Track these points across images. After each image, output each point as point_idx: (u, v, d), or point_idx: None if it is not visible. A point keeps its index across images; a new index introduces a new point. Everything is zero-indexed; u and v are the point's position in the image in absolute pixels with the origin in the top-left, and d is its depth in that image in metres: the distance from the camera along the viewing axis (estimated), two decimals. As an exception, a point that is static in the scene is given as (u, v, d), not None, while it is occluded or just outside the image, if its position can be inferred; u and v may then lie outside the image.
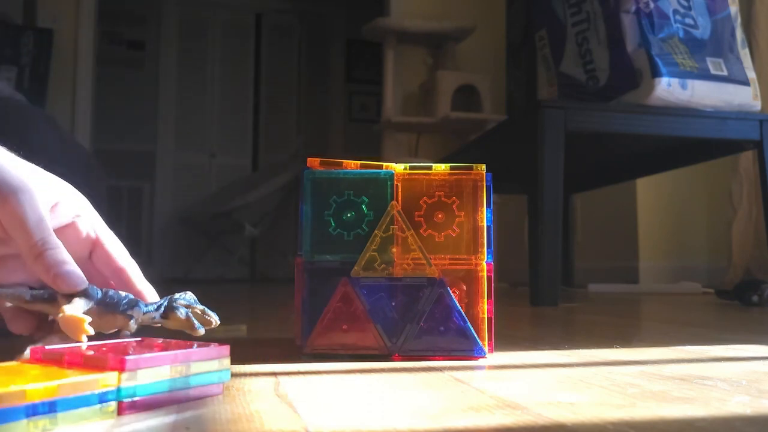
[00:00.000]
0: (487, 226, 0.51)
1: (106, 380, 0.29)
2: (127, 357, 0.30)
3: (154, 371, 0.31)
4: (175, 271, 3.94)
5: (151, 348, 0.34)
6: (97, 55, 2.99)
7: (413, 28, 2.62)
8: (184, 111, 4.30)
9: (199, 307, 0.43)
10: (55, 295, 0.38)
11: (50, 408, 0.26)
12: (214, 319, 0.43)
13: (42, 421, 0.26)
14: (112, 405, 0.29)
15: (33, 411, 0.25)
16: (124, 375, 0.29)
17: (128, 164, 4.02)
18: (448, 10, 2.74)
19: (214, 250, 4.06)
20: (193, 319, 0.42)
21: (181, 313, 0.42)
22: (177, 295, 0.43)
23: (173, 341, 0.36)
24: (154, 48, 4.29)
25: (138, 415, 0.30)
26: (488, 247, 0.51)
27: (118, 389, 0.29)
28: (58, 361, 0.31)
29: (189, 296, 0.44)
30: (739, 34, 1.32)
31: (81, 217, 0.43)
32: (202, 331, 0.42)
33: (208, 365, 0.34)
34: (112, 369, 0.29)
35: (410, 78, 2.76)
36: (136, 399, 0.30)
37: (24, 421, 0.25)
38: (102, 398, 0.29)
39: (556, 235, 1.18)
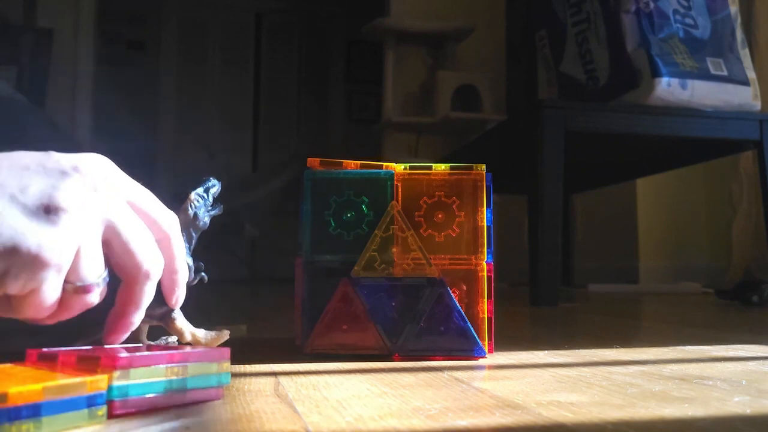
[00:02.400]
0: (487, 226, 0.51)
1: (96, 382, 0.28)
2: (120, 354, 0.29)
3: (148, 370, 0.30)
4: (175, 271, 3.93)
5: (150, 350, 0.33)
6: (96, 55, 2.99)
7: (413, 28, 2.62)
8: (184, 111, 4.30)
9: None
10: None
11: (34, 412, 0.25)
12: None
13: (26, 425, 0.25)
14: (102, 408, 0.28)
15: (16, 415, 0.24)
16: (116, 373, 0.28)
17: (128, 164, 4.01)
18: (448, 10, 2.74)
19: (214, 250, 4.06)
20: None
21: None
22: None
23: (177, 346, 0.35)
24: (154, 48, 4.29)
25: (134, 418, 0.30)
26: (488, 247, 0.51)
27: (110, 388, 0.28)
28: (52, 362, 0.31)
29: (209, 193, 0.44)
30: (739, 34, 1.32)
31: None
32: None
33: (207, 368, 0.33)
34: (105, 366, 0.28)
35: (410, 78, 2.76)
36: (128, 399, 0.29)
37: (6, 426, 0.24)
38: (91, 401, 0.27)
39: (555, 235, 1.18)
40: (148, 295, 0.34)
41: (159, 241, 0.36)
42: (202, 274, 0.42)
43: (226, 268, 4.08)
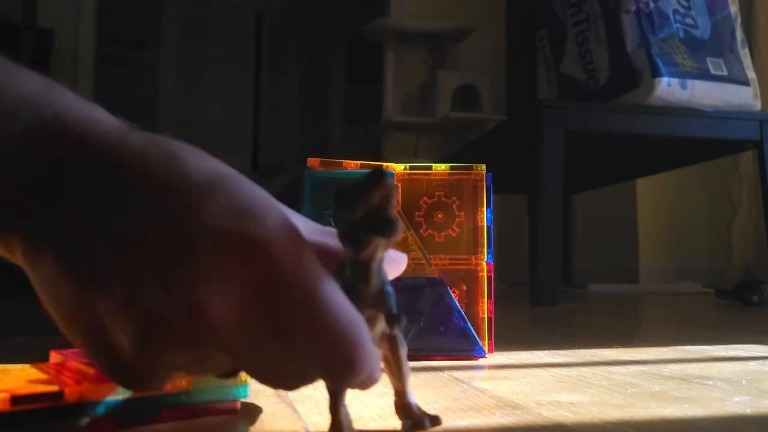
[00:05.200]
0: (487, 226, 0.51)
1: (74, 393, 0.25)
2: None
3: None
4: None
5: None
6: (96, 54, 2.99)
7: (413, 28, 2.62)
8: (183, 110, 4.30)
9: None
10: None
11: (2, 422, 0.23)
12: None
13: None
14: (83, 421, 0.26)
15: None
16: (104, 387, 0.26)
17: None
18: (448, 10, 2.74)
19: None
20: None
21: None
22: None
23: None
24: (154, 47, 4.29)
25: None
26: (488, 247, 0.51)
27: (96, 403, 0.26)
28: (59, 368, 0.29)
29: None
30: (739, 34, 1.32)
31: None
32: None
33: (219, 380, 0.29)
34: (92, 381, 0.26)
35: (410, 78, 2.75)
36: (116, 416, 0.27)
37: None
38: (70, 413, 0.25)
39: (556, 235, 1.18)
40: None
41: None
42: None
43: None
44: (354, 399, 0.34)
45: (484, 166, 0.52)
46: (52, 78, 0.26)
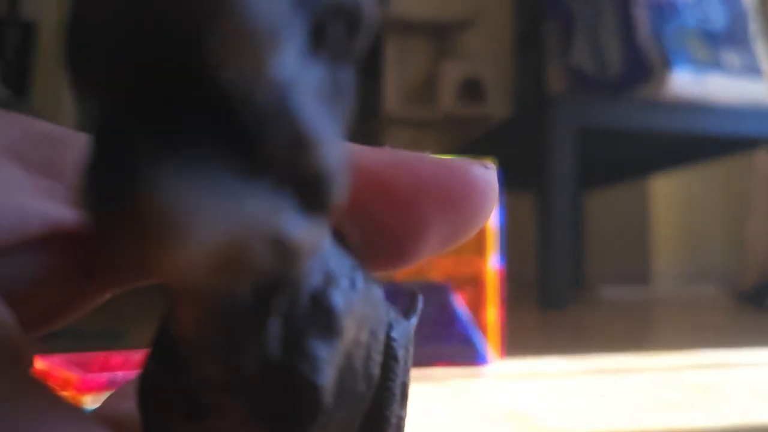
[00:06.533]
0: (495, 226, 0.47)
1: None
2: (90, 375, 0.25)
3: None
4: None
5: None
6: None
7: (415, 17, 2.58)
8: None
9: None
10: None
11: None
12: None
13: None
14: None
15: None
16: (88, 398, 0.25)
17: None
18: None
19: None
20: None
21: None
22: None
23: None
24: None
25: None
26: (497, 249, 0.47)
27: None
28: (43, 375, 0.27)
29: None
30: (755, 26, 1.28)
31: None
32: None
33: None
34: (76, 389, 0.25)
35: (412, 70, 2.71)
36: None
37: None
38: None
39: (566, 236, 1.14)
40: None
41: None
42: None
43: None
44: None
45: (491, 162, 0.48)
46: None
